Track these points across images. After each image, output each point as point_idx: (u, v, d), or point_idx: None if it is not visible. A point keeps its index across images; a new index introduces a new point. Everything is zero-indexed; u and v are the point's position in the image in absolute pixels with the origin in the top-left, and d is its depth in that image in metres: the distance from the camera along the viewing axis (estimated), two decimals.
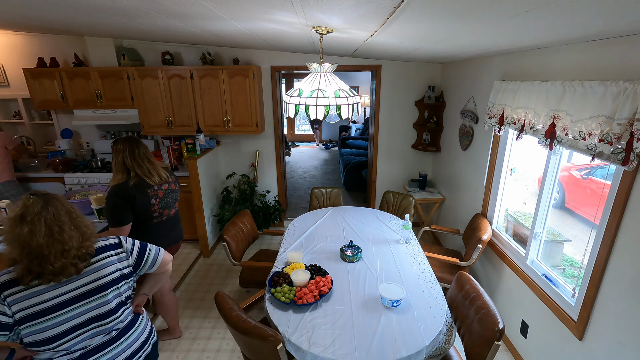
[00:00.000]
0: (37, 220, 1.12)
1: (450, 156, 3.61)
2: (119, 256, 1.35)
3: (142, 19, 2.12)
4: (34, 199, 1.15)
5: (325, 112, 1.89)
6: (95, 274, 1.25)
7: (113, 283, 1.29)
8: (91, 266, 1.25)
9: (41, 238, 1.11)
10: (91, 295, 1.23)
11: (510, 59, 2.37)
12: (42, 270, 1.12)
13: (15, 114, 4.11)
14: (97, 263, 1.27)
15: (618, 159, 1.36)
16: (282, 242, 2.58)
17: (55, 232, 1.15)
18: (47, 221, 1.14)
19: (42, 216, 1.14)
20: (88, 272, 1.24)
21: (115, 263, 1.32)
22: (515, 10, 1.12)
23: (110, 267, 1.30)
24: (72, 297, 1.19)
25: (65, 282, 1.19)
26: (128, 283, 1.37)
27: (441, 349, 1.67)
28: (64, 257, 1.15)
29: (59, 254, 1.14)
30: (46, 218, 1.14)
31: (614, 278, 1.55)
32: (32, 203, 1.14)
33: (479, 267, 2.95)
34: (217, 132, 3.77)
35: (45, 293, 1.15)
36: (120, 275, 1.33)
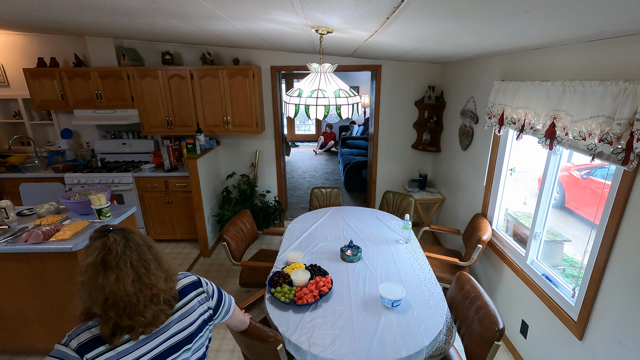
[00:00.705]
0: (123, 264, 0.94)
1: (450, 156, 3.61)
2: (200, 297, 1.14)
3: (142, 19, 2.12)
4: (114, 237, 0.95)
5: (325, 112, 1.89)
6: (182, 322, 1.06)
7: (198, 331, 1.10)
8: (177, 313, 1.05)
9: (129, 285, 0.93)
10: (178, 349, 1.04)
11: (510, 59, 2.37)
12: (133, 324, 0.93)
13: (15, 114, 4.11)
14: (182, 309, 1.07)
15: (618, 159, 1.36)
16: (282, 242, 2.58)
17: (143, 274, 0.97)
18: (133, 263, 0.96)
19: (127, 257, 0.95)
20: (174, 320, 1.05)
21: (198, 307, 1.12)
22: (515, 10, 1.12)
23: (195, 312, 1.10)
24: (160, 353, 1.01)
25: (153, 336, 1.00)
26: (209, 329, 1.17)
27: (441, 349, 1.67)
28: (154, 304, 0.97)
29: (149, 300, 0.96)
30: (132, 259, 0.96)
31: (614, 278, 1.55)
32: (113, 242, 0.94)
33: (479, 267, 2.95)
34: (217, 132, 3.77)
35: (134, 352, 0.96)
36: (203, 321, 1.13)
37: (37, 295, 2.18)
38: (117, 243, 0.94)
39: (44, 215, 2.41)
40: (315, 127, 10.37)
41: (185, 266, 3.54)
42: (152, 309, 0.96)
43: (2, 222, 2.26)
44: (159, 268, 1.02)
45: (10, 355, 2.38)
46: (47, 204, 2.48)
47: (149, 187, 3.70)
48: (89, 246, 0.96)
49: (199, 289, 1.15)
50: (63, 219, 2.36)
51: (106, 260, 0.92)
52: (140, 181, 3.68)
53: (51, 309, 2.23)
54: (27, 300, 2.19)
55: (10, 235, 2.14)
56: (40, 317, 2.25)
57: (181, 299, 1.08)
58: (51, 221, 2.30)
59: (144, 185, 3.70)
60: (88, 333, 0.93)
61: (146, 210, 3.81)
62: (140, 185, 3.70)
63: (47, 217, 2.37)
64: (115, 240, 0.94)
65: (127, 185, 3.64)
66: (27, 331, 2.28)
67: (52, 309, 2.23)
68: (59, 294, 2.18)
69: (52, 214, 2.45)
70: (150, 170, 3.67)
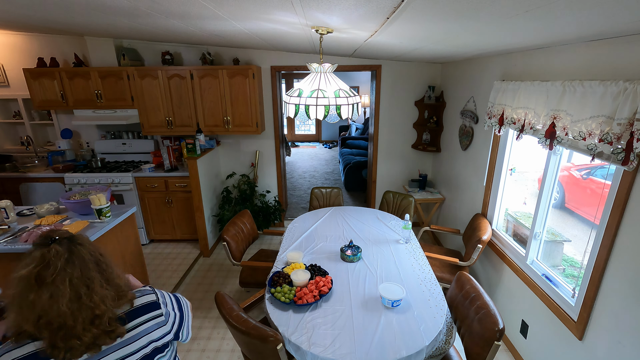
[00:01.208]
0: (61, 281, 0.83)
1: (450, 156, 3.61)
2: (156, 321, 0.99)
3: (142, 19, 2.12)
4: (55, 250, 0.85)
5: (325, 112, 1.89)
6: (124, 349, 0.92)
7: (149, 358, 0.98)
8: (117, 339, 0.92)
9: (64, 305, 0.83)
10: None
11: (510, 59, 2.37)
12: (69, 346, 0.84)
13: (15, 114, 4.11)
14: (130, 332, 0.94)
15: (618, 159, 1.36)
16: (282, 242, 2.58)
17: (84, 294, 0.86)
18: (73, 281, 0.85)
19: (67, 274, 0.85)
20: (114, 345, 0.91)
21: (154, 330, 0.99)
22: (515, 10, 1.12)
23: (143, 338, 0.96)
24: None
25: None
26: (165, 356, 1.03)
27: (441, 349, 1.67)
28: (95, 326, 0.86)
29: (89, 322, 0.86)
30: (72, 277, 0.85)
31: (614, 278, 1.55)
32: (53, 256, 0.84)
33: (479, 267, 2.95)
34: (217, 132, 3.77)
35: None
36: (153, 349, 0.99)
37: None
38: (59, 257, 0.85)
39: (44, 215, 2.41)
40: (315, 127, 10.37)
41: (185, 266, 3.54)
42: (92, 332, 0.86)
43: (2, 222, 2.26)
44: (105, 286, 0.91)
45: None
46: (47, 204, 2.48)
47: (149, 187, 3.70)
48: (27, 255, 0.85)
49: (156, 311, 1.01)
50: (63, 219, 2.36)
51: (42, 275, 0.82)
52: (140, 181, 3.68)
53: None
54: None
55: (10, 235, 2.14)
56: None
57: (130, 321, 0.95)
58: (51, 221, 2.30)
59: (144, 185, 3.70)
60: (18, 351, 0.82)
61: (146, 210, 3.81)
62: (140, 185, 3.70)
63: (47, 217, 2.37)
64: (57, 253, 0.85)
65: (127, 185, 3.64)
66: None
67: None
68: None
69: (52, 214, 2.45)
70: (150, 170, 3.67)
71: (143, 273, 2.91)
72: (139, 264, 2.85)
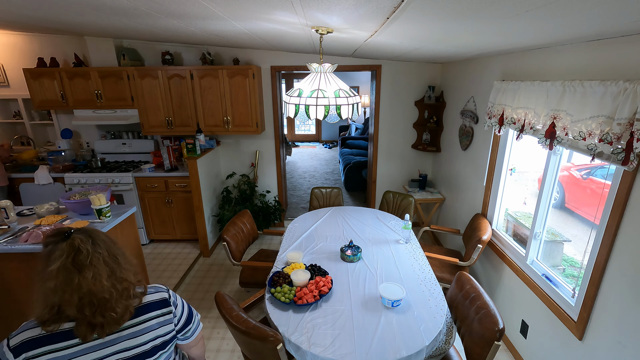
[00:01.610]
0: (97, 261, 0.93)
1: (450, 156, 3.61)
2: (164, 318, 1.05)
3: (142, 19, 2.12)
4: (80, 238, 0.93)
5: (325, 112, 1.89)
6: (131, 340, 0.98)
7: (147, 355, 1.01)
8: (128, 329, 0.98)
9: (105, 280, 0.92)
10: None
11: (510, 59, 2.37)
12: (104, 321, 0.92)
13: (15, 114, 4.11)
14: (135, 327, 1.00)
15: (618, 159, 1.36)
16: (282, 242, 2.58)
17: (116, 269, 0.97)
18: (105, 259, 0.95)
19: (99, 254, 0.94)
20: (123, 336, 0.97)
21: (156, 328, 1.03)
22: (515, 10, 1.12)
23: (150, 333, 1.01)
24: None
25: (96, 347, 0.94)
26: (166, 353, 1.07)
27: (441, 349, 1.67)
28: (124, 298, 0.96)
29: (119, 295, 0.95)
30: (103, 256, 0.95)
31: (614, 278, 1.55)
32: (80, 243, 0.92)
33: (479, 267, 2.94)
34: (217, 132, 3.77)
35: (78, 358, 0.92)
36: (161, 342, 1.04)
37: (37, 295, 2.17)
38: (85, 242, 0.93)
39: (44, 215, 2.41)
40: (315, 127, 10.37)
41: (185, 266, 3.54)
42: (123, 303, 0.96)
43: (2, 222, 2.26)
44: (127, 262, 1.02)
45: None
46: (47, 204, 2.48)
47: (149, 187, 3.70)
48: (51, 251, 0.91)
49: (165, 309, 1.07)
50: (63, 219, 2.36)
51: (77, 260, 0.90)
52: (140, 181, 3.68)
53: None
54: (27, 300, 2.19)
55: (10, 235, 2.14)
56: None
57: (138, 316, 1.01)
58: (51, 221, 2.30)
59: (144, 185, 3.70)
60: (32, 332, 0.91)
61: (146, 210, 3.81)
62: (140, 185, 3.70)
63: (47, 217, 2.37)
64: (82, 240, 0.93)
65: (127, 185, 3.64)
66: None
67: None
68: None
69: (52, 214, 2.45)
70: (150, 170, 3.67)
71: (143, 273, 2.91)
72: (139, 264, 2.84)
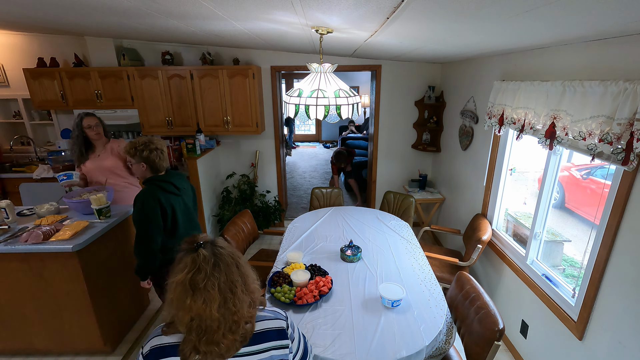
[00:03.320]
0: (212, 286, 0.85)
1: (450, 156, 3.61)
2: (280, 352, 0.94)
3: (142, 19, 2.12)
4: (204, 255, 0.87)
5: (325, 112, 1.89)
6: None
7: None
8: (243, 357, 0.90)
9: (215, 310, 0.85)
10: None
11: (510, 59, 2.37)
12: (207, 350, 0.85)
13: (15, 114, 4.11)
14: (251, 356, 0.91)
15: (618, 159, 1.36)
16: (282, 242, 2.58)
17: (229, 299, 0.87)
18: (220, 286, 0.86)
19: (216, 279, 0.86)
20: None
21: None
22: (515, 10, 1.12)
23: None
24: None
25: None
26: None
27: (441, 349, 1.67)
28: (232, 333, 0.87)
29: (228, 329, 0.86)
30: (220, 281, 0.86)
31: (614, 278, 1.55)
32: (202, 261, 0.86)
33: (479, 267, 2.95)
34: (217, 132, 3.77)
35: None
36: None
37: (37, 295, 2.18)
38: (207, 262, 0.86)
39: (44, 215, 2.41)
40: (315, 127, 10.37)
41: None
42: (229, 338, 0.87)
43: (2, 222, 2.26)
44: (245, 291, 0.91)
45: (10, 355, 2.38)
46: (47, 204, 2.48)
47: None
48: (179, 261, 0.88)
49: (283, 341, 0.96)
50: (63, 219, 2.36)
51: (195, 280, 0.84)
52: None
53: (51, 309, 2.22)
54: (27, 300, 2.19)
55: (10, 235, 2.14)
56: (40, 317, 2.25)
57: (256, 344, 0.91)
58: (51, 221, 2.30)
59: None
60: (159, 340, 0.89)
61: None
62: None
63: (47, 217, 2.37)
64: (205, 258, 0.86)
65: None
66: (27, 331, 2.28)
67: (52, 309, 2.23)
68: (59, 294, 2.18)
69: (52, 214, 2.45)
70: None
71: None
72: None
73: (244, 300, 0.90)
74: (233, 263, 0.91)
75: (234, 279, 0.89)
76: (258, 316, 0.96)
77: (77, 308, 2.22)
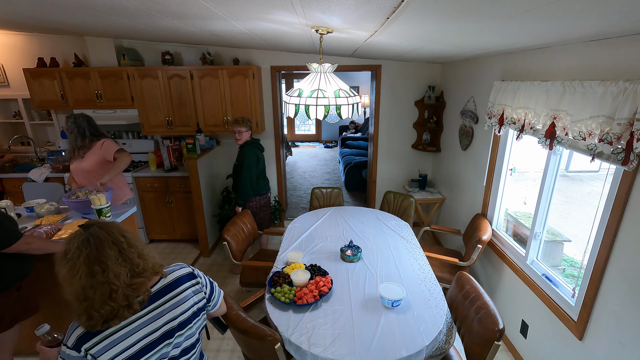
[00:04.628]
0: (76, 257, 0.98)
1: (450, 156, 3.61)
2: (194, 288, 1.20)
3: (142, 19, 2.12)
4: (77, 232, 1.02)
5: (325, 112, 1.89)
6: (174, 310, 1.12)
7: (189, 321, 1.16)
8: (169, 302, 1.12)
9: (82, 279, 0.97)
10: (172, 335, 1.10)
11: (510, 59, 2.37)
12: (90, 315, 0.98)
13: (15, 114, 4.11)
14: (175, 298, 1.13)
15: (618, 159, 1.36)
16: (282, 242, 2.58)
17: (97, 271, 0.98)
18: (88, 258, 0.99)
19: (82, 253, 0.99)
20: (167, 308, 1.11)
21: (192, 297, 1.18)
22: (515, 10, 1.12)
23: (188, 301, 1.16)
24: (157, 338, 1.07)
25: (147, 322, 1.06)
26: (201, 319, 1.22)
27: (441, 349, 1.67)
28: (112, 301, 0.98)
29: (106, 296, 0.98)
30: (88, 255, 0.99)
31: (614, 278, 1.55)
32: (74, 236, 1.01)
33: (479, 267, 2.95)
34: (217, 132, 3.77)
35: (128, 337, 1.02)
36: (197, 309, 1.19)
37: None
38: (76, 237, 1.00)
39: (44, 215, 2.41)
40: (315, 127, 10.38)
41: None
42: (110, 305, 0.98)
43: None
44: (121, 264, 1.03)
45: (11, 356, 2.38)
46: (47, 204, 2.48)
47: (148, 187, 3.70)
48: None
49: (193, 280, 1.21)
50: (63, 219, 2.36)
51: (65, 252, 1.00)
52: (140, 181, 3.68)
53: (51, 308, 2.22)
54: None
55: None
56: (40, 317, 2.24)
57: (174, 289, 1.14)
58: (51, 221, 2.30)
59: (143, 185, 3.70)
60: (81, 329, 1.00)
61: (146, 210, 3.81)
62: (140, 185, 3.70)
63: (47, 217, 2.37)
64: (76, 235, 1.01)
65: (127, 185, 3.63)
66: (27, 331, 2.28)
67: (52, 309, 2.23)
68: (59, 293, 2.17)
69: (52, 213, 2.45)
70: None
71: None
72: None
73: (119, 272, 1.01)
74: (108, 242, 1.03)
75: (105, 253, 1.01)
76: (168, 271, 1.18)
77: None
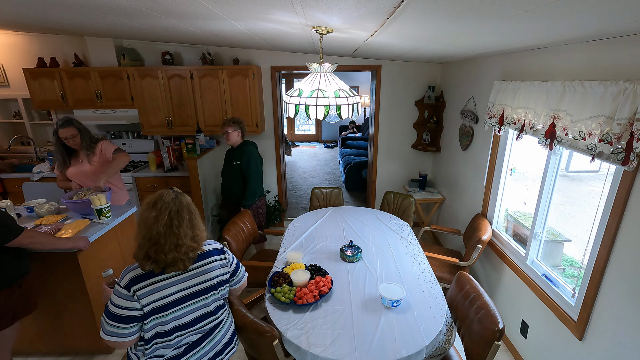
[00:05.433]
0: (164, 209, 1.23)
1: (450, 156, 3.61)
2: (221, 262, 1.44)
3: (142, 19, 2.12)
4: (168, 191, 1.28)
5: (325, 112, 1.89)
6: (203, 275, 1.35)
7: (214, 288, 1.39)
8: (200, 268, 1.35)
9: (161, 227, 1.21)
10: (198, 296, 1.34)
11: (510, 59, 2.37)
12: (157, 258, 1.22)
13: (15, 114, 4.11)
14: (205, 266, 1.37)
15: (618, 159, 1.36)
16: (282, 242, 2.58)
17: (174, 225, 1.24)
18: (170, 213, 1.23)
19: (169, 207, 1.24)
20: (198, 273, 1.34)
21: (219, 268, 1.41)
22: (515, 10, 1.12)
23: (215, 271, 1.39)
24: (186, 295, 1.30)
25: (181, 280, 1.29)
26: (224, 290, 1.46)
27: (441, 349, 1.67)
28: (176, 251, 1.24)
29: (173, 246, 1.23)
30: (171, 210, 1.24)
31: (614, 278, 1.55)
32: (166, 193, 1.26)
33: (479, 267, 2.95)
34: (217, 132, 3.77)
35: (166, 289, 1.26)
36: (222, 280, 1.42)
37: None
38: (168, 195, 1.26)
39: (44, 215, 2.41)
40: (315, 127, 10.37)
41: None
42: (174, 254, 1.23)
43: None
44: (189, 228, 1.28)
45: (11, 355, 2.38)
46: (47, 204, 2.48)
47: (149, 187, 3.70)
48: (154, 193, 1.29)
49: (222, 255, 1.45)
50: (64, 219, 2.36)
51: (156, 202, 1.24)
52: (140, 181, 3.68)
53: (51, 308, 2.23)
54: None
55: None
56: (40, 317, 2.25)
57: (205, 259, 1.38)
58: (51, 221, 2.30)
59: (144, 185, 3.70)
60: (133, 272, 1.24)
61: None
62: (140, 185, 3.70)
63: (47, 217, 2.37)
64: (168, 193, 1.27)
65: (127, 185, 3.63)
66: (27, 331, 2.28)
67: (52, 309, 2.23)
68: (59, 293, 2.18)
69: (52, 214, 2.45)
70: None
71: None
72: None
73: (187, 233, 1.27)
74: (186, 208, 1.29)
75: (183, 215, 1.27)
76: (205, 244, 1.41)
77: (77, 308, 2.22)
